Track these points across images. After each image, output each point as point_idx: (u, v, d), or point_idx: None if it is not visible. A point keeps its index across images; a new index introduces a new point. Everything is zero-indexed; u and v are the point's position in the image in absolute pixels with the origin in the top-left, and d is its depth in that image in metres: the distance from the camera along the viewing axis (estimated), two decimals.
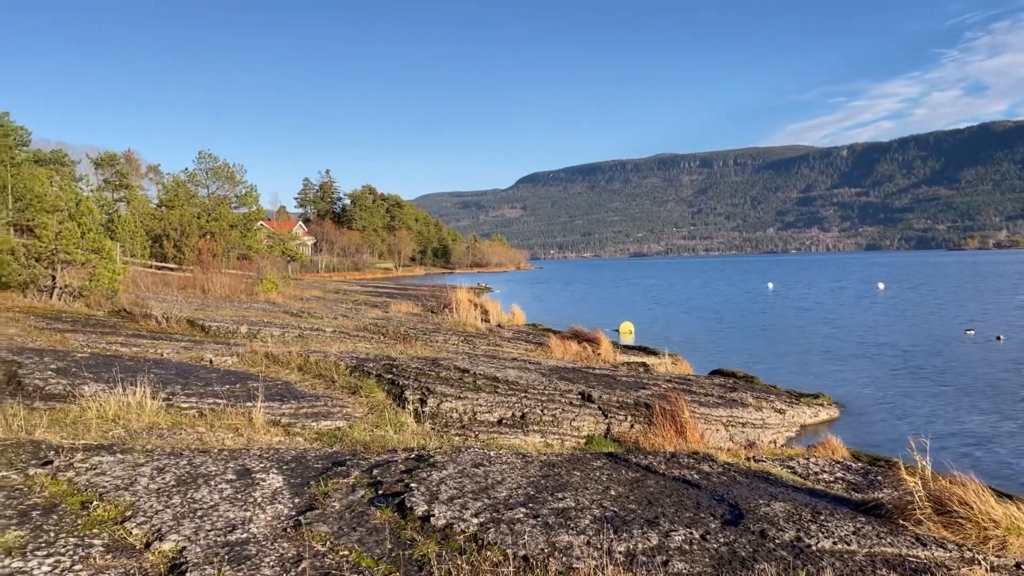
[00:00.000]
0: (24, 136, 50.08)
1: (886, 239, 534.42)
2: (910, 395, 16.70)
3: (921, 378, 18.77)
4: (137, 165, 79.66)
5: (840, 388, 17.26)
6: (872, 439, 12.68)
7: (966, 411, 14.86)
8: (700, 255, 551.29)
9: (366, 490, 5.52)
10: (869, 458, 10.37)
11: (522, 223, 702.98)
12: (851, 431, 13.12)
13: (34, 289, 21.52)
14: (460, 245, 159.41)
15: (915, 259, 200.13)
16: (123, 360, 11.63)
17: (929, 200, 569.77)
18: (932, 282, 71.19)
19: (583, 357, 18.42)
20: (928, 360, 21.73)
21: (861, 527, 5.52)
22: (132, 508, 4.85)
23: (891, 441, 12.33)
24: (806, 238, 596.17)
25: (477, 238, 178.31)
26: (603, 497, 5.71)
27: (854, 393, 16.91)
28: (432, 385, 11.21)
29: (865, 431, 13.40)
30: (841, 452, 10.22)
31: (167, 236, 46.98)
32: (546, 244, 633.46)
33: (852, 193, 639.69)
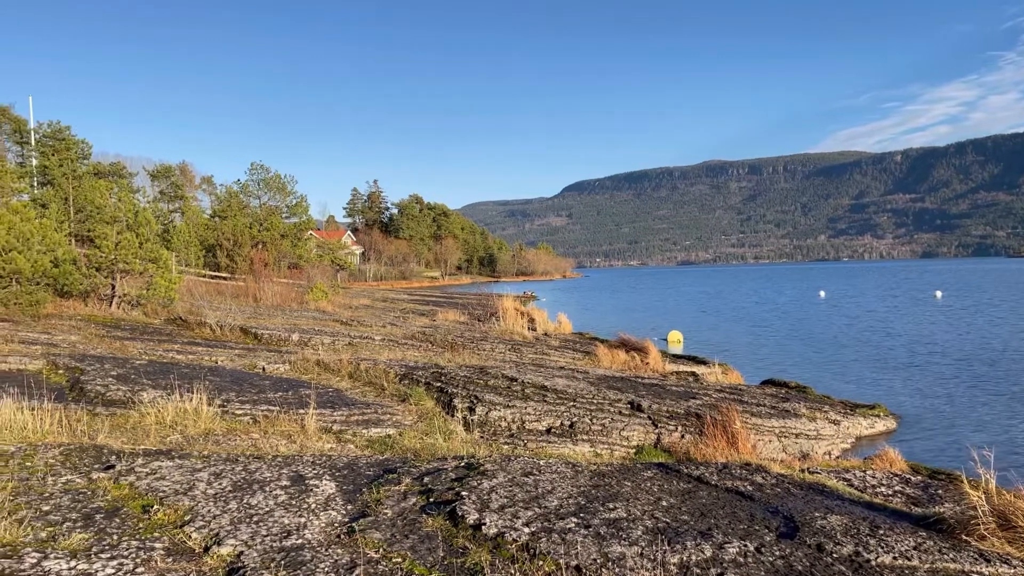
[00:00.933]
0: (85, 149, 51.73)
1: (943, 246, 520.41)
2: (971, 406, 16.19)
3: (982, 389, 18.19)
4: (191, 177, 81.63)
5: (897, 399, 16.82)
6: (931, 451, 12.32)
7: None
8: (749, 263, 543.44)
9: (417, 497, 5.55)
10: (929, 471, 10.07)
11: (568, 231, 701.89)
12: (909, 443, 12.77)
13: (95, 298, 22.19)
14: (506, 254, 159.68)
15: (974, 266, 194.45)
16: (179, 367, 11.91)
17: (988, 206, 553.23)
18: (992, 290, 69.02)
19: (631, 366, 18.28)
20: (989, 370, 21.05)
21: (922, 542, 5.37)
22: (191, 512, 4.95)
23: (951, 454, 11.97)
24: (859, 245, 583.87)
25: (523, 246, 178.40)
26: (654, 508, 5.65)
27: (912, 404, 16.46)
28: (480, 393, 11.23)
29: (924, 443, 13.03)
30: (899, 465, 9.95)
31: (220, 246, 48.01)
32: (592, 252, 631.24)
33: (907, 199, 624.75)
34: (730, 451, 9.35)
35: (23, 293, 18.60)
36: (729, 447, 9.49)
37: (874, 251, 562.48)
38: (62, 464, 5.80)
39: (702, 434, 10.22)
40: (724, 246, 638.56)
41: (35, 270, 19.05)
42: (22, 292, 18.62)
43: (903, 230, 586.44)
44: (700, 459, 8.78)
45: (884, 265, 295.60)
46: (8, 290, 18.64)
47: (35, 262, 19.12)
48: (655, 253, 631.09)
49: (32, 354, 11.88)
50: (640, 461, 8.23)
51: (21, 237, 19.23)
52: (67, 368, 10.87)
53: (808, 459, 10.58)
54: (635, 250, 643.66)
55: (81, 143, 51.07)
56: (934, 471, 10.10)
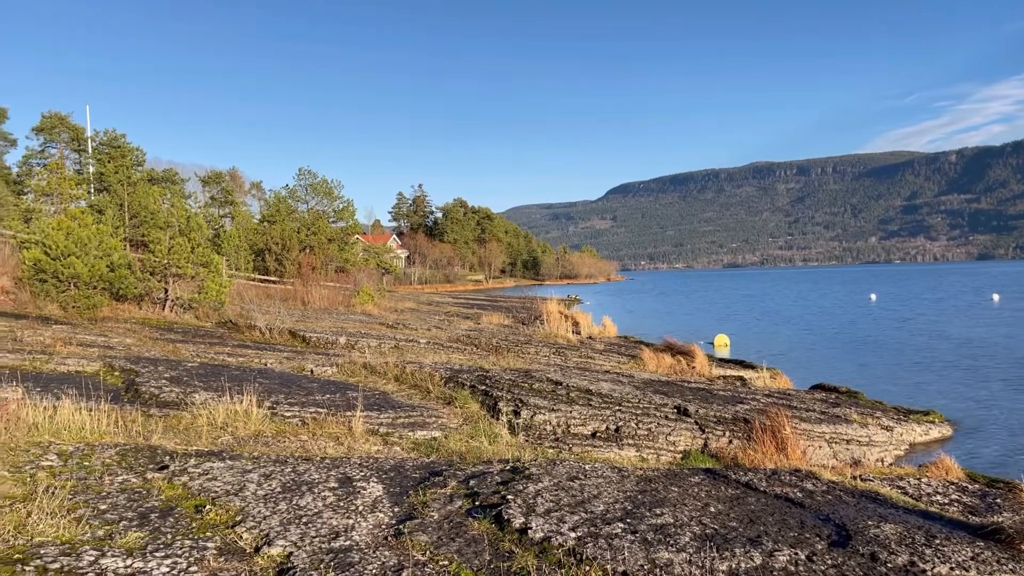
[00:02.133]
0: (139, 157, 53.11)
1: (999, 248, 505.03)
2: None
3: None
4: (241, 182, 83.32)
5: (953, 405, 16.36)
6: (989, 459, 11.96)
7: None
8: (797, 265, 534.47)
9: (463, 501, 5.57)
10: (987, 480, 9.78)
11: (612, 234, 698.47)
12: (966, 451, 12.41)
13: (148, 301, 22.75)
14: (549, 257, 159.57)
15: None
16: (230, 369, 12.14)
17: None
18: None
19: (677, 370, 18.11)
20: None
21: (980, 552, 5.22)
22: (242, 513, 5.04)
23: (1010, 462, 11.60)
24: (911, 247, 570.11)
25: (567, 249, 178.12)
26: (702, 514, 5.58)
27: (968, 410, 16.00)
28: (525, 397, 11.23)
29: (981, 451, 12.65)
30: (955, 472, 9.67)
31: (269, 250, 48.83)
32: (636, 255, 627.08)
33: (962, 200, 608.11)
34: (779, 457, 9.20)
35: (81, 296, 19.16)
36: (778, 453, 9.33)
37: (927, 253, 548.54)
38: (118, 464, 5.95)
39: (750, 439, 10.07)
40: (771, 248, 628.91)
41: (92, 274, 19.61)
42: (80, 296, 19.18)
43: (957, 231, 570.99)
44: (748, 465, 8.65)
45: (938, 267, 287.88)
46: (67, 294, 19.22)
47: (92, 266, 19.69)
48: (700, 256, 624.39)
49: (89, 356, 12.22)
50: (687, 466, 8.13)
51: (79, 242, 19.81)
52: (122, 370, 11.15)
53: (860, 466, 10.34)
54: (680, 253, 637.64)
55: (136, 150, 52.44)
56: (992, 480, 9.80)
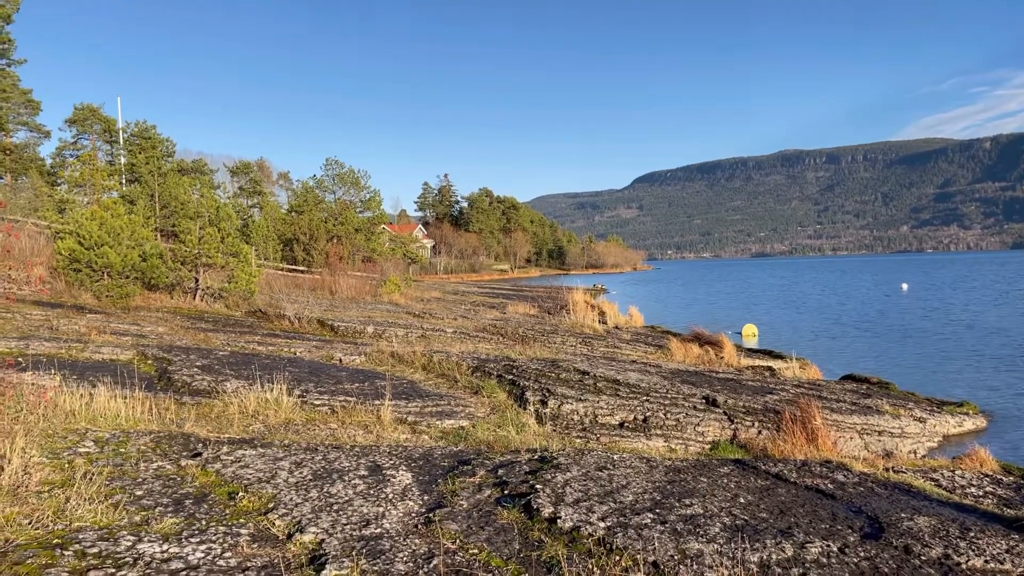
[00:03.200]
0: (169, 148, 53.71)
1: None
2: None
3: None
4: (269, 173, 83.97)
5: (987, 396, 16.10)
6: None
7: None
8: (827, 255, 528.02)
9: (492, 490, 5.58)
10: (1022, 472, 9.62)
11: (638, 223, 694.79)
12: (1001, 443, 12.21)
13: (179, 290, 23.05)
14: (575, 246, 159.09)
15: None
16: (260, 358, 12.27)
17: None
18: None
19: (705, 360, 18.00)
20: None
21: (1015, 545, 5.14)
22: (274, 500, 5.10)
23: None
24: (944, 236, 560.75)
25: (592, 239, 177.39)
26: (732, 505, 5.55)
27: (1003, 402, 15.73)
28: (552, 387, 11.23)
29: (1017, 443, 12.44)
30: (990, 465, 9.52)
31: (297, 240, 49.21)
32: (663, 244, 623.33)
33: (996, 188, 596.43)
34: (809, 448, 9.11)
35: (114, 286, 19.46)
36: (808, 444, 9.24)
37: (960, 242, 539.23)
38: (153, 451, 6.05)
39: (780, 430, 9.98)
40: (800, 237, 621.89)
41: (124, 264, 19.90)
42: (113, 285, 19.48)
43: (992, 220, 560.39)
44: (778, 456, 8.58)
45: (972, 256, 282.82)
46: (100, 283, 19.53)
47: (124, 256, 19.98)
48: (728, 245, 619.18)
49: (123, 345, 12.42)
50: (716, 457, 8.09)
51: (112, 232, 20.11)
52: (155, 358, 11.32)
53: (892, 458, 10.22)
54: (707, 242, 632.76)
55: (165, 141, 53.04)
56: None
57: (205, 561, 4.01)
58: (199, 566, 3.94)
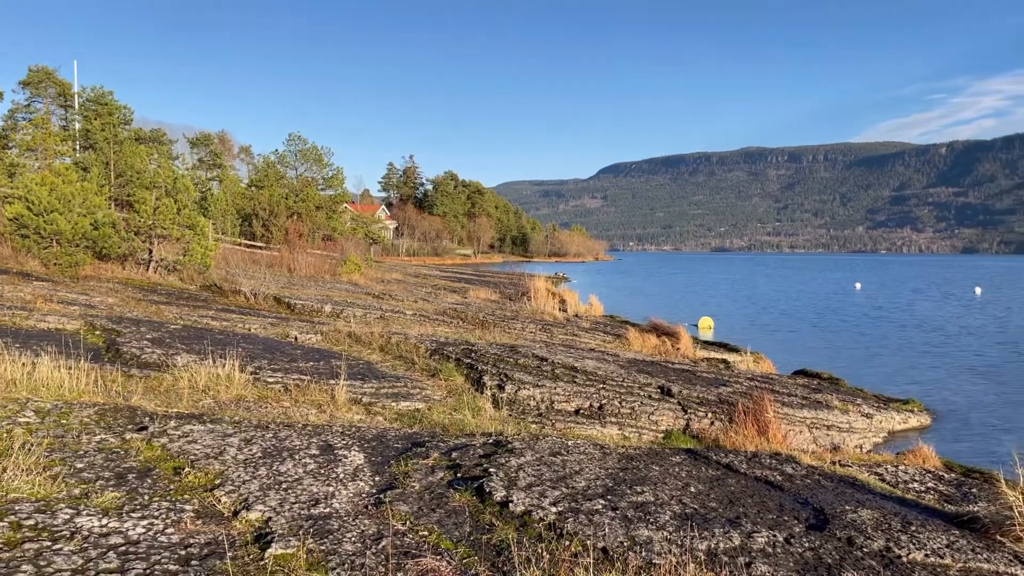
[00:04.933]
0: (127, 115, 52.29)
1: (984, 242, 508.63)
2: (1008, 406, 15.85)
3: (1020, 388, 17.80)
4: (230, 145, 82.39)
5: (931, 394, 16.52)
6: (966, 449, 12.08)
7: None
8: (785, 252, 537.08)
9: (445, 472, 5.55)
10: (963, 469, 9.88)
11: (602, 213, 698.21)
12: (943, 440, 12.53)
13: (132, 261, 22.54)
14: (539, 234, 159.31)
15: (1016, 264, 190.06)
16: (213, 333, 12.05)
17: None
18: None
19: (662, 351, 18.16)
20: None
21: (955, 540, 5.26)
22: (221, 477, 5.00)
23: (987, 453, 11.73)
24: (897, 238, 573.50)
25: (556, 227, 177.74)
26: (683, 493, 5.60)
27: (947, 400, 16.16)
28: (510, 372, 11.22)
29: (958, 441, 12.78)
30: (933, 461, 9.76)
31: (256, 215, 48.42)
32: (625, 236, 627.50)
33: (949, 193, 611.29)
34: (760, 440, 9.24)
35: (63, 254, 18.94)
36: (759, 436, 9.37)
37: (913, 244, 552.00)
38: (96, 423, 5.89)
39: (732, 422, 10.11)
40: (760, 234, 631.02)
41: (75, 232, 19.38)
42: (62, 253, 18.96)
43: (944, 224, 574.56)
44: (729, 447, 8.69)
45: (923, 259, 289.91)
46: (49, 250, 18.99)
47: (75, 224, 19.45)
48: (689, 239, 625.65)
49: (70, 314, 12.09)
50: (669, 446, 8.16)
51: (63, 199, 19.55)
52: (104, 329, 11.04)
53: (839, 452, 10.42)
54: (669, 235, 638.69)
55: (123, 108, 51.63)
56: (968, 469, 9.91)
57: (146, 537, 3.91)
58: (139, 541, 3.84)
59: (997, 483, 6.63)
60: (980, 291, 60.41)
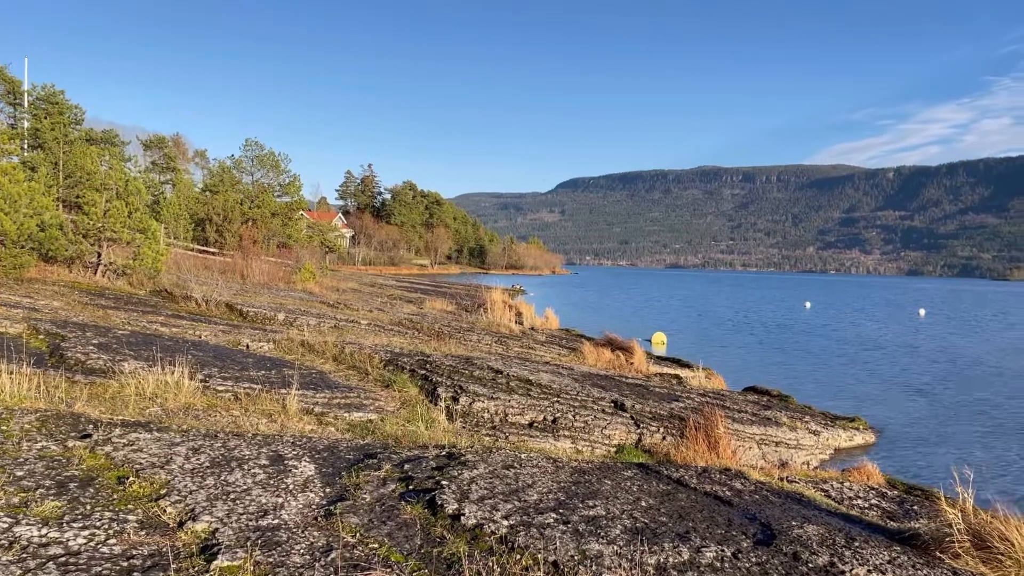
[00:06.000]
0: (78, 115, 51.13)
1: (928, 265, 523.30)
2: (949, 425, 16.32)
3: (961, 408, 18.34)
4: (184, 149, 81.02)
5: (876, 413, 16.92)
6: (908, 467, 12.41)
7: (1008, 444, 14.47)
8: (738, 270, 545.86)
9: (397, 484, 5.51)
10: (905, 486, 10.14)
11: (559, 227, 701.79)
12: (887, 457, 12.85)
13: (80, 265, 21.98)
14: (496, 246, 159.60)
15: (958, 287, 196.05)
16: (162, 339, 11.80)
17: (975, 228, 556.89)
18: (975, 312, 69.63)
19: (616, 365, 18.30)
20: (968, 390, 21.23)
21: (896, 556, 5.38)
22: (167, 486, 4.89)
23: (928, 470, 12.06)
24: (846, 259, 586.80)
25: (514, 240, 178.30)
26: (634, 508, 5.64)
27: (891, 419, 16.57)
28: (465, 384, 11.20)
29: (901, 458, 13.11)
30: (876, 478, 10.01)
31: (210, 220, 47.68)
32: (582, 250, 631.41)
33: (896, 216, 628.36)
34: (710, 455, 9.36)
35: (7, 255, 18.39)
36: (710, 451, 9.50)
37: (861, 266, 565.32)
38: (38, 430, 5.72)
39: (683, 437, 10.23)
40: (714, 252, 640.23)
41: (21, 233, 18.84)
42: (6, 254, 18.41)
43: (891, 247, 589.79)
44: (680, 462, 8.78)
45: (870, 280, 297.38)
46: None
47: (21, 225, 18.91)
48: (645, 254, 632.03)
49: (13, 317, 11.74)
50: (621, 460, 8.22)
51: (8, 199, 19.00)
52: (48, 334, 10.75)
53: (787, 468, 10.61)
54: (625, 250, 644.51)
55: (74, 108, 50.49)
56: (911, 486, 10.17)
57: (87, 547, 3.81)
58: (80, 552, 3.74)
59: (937, 500, 6.81)
60: (924, 313, 62.17)
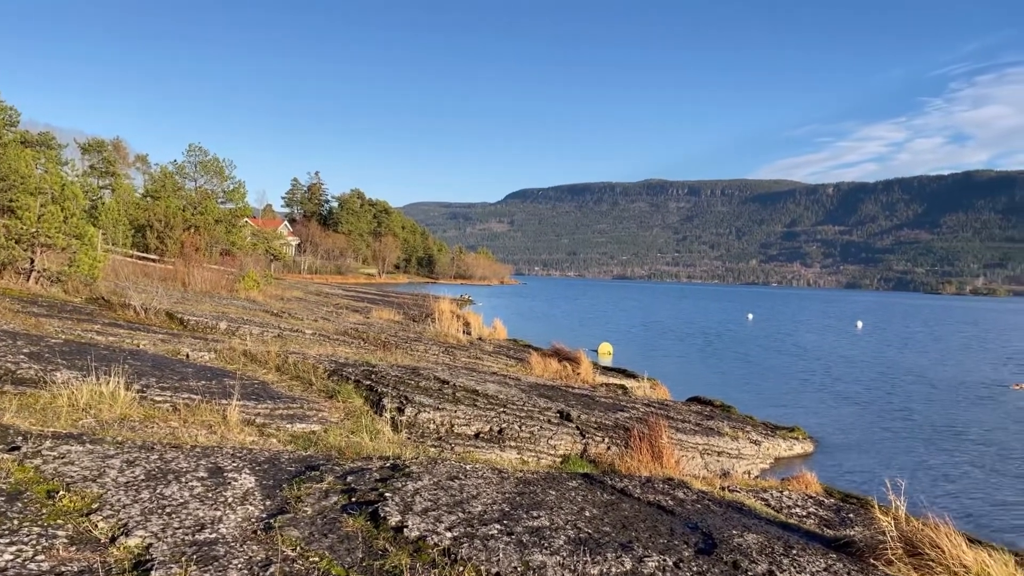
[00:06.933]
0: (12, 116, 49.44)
1: (866, 278, 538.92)
2: (884, 434, 16.80)
3: (896, 418, 18.89)
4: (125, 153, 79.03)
5: (815, 422, 17.33)
6: (845, 476, 12.72)
7: (937, 452, 14.95)
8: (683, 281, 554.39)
9: (339, 496, 5.44)
10: (842, 495, 10.40)
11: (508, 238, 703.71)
12: (825, 466, 13.15)
13: (11, 271, 21.21)
14: (445, 256, 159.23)
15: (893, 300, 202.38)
16: (98, 348, 11.46)
17: (910, 243, 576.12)
18: (909, 324, 71.95)
19: (563, 375, 18.38)
20: (904, 400, 21.89)
21: (832, 564, 5.51)
22: (99, 500, 4.74)
23: (864, 479, 12.38)
24: (788, 272, 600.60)
25: (463, 250, 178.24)
26: (577, 518, 5.67)
27: (829, 428, 16.98)
28: (411, 394, 11.12)
29: (838, 467, 13.44)
30: (814, 487, 10.23)
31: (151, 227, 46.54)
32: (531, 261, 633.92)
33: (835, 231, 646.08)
34: (654, 465, 9.46)
35: None
36: (653, 461, 9.60)
37: (802, 279, 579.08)
38: None
39: (628, 447, 10.32)
40: (659, 263, 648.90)
41: None
42: None
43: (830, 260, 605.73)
44: (625, 472, 8.86)
45: (811, 292, 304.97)
46: None
47: None
48: (592, 266, 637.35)
49: None
50: (566, 471, 8.25)
51: None
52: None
53: (728, 477, 10.79)
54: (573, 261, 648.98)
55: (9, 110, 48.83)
56: (847, 495, 10.43)
57: (13, 564, 3.67)
58: (6, 569, 3.60)
59: (871, 508, 6.99)
60: (861, 324, 63.97)
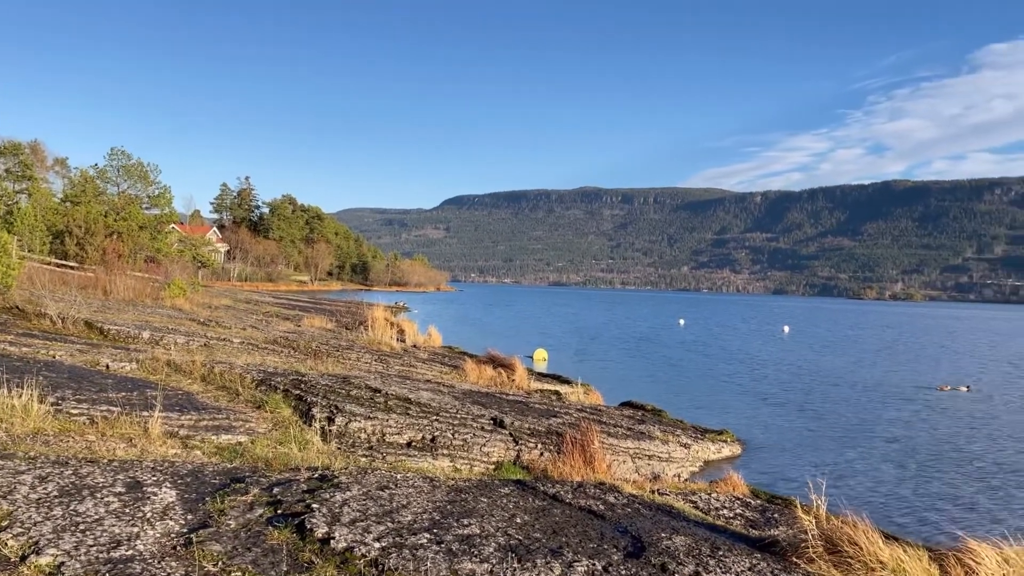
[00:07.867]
0: None
1: (792, 284, 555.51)
2: (809, 435, 17.30)
3: (819, 420, 19.48)
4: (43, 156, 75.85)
5: (743, 425, 17.73)
6: (771, 477, 13.05)
7: (856, 451, 15.48)
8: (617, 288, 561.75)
9: (265, 509, 5.32)
10: (767, 496, 10.65)
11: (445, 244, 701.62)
12: (752, 468, 13.47)
13: None
14: (380, 262, 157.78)
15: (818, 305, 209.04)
16: (10, 360, 10.97)
17: (833, 250, 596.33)
18: (832, 328, 74.46)
19: (498, 382, 18.40)
20: (827, 402, 22.60)
21: (756, 563, 5.64)
22: (9, 518, 4.54)
23: (789, 480, 12.71)
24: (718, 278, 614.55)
25: (398, 256, 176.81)
26: (509, 525, 5.66)
27: (756, 430, 17.40)
28: (341, 403, 10.97)
29: (765, 469, 13.78)
30: (741, 489, 10.46)
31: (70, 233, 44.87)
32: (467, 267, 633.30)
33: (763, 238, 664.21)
34: (586, 470, 9.54)
35: None
36: (586, 466, 9.67)
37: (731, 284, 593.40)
38: None
39: (561, 452, 10.38)
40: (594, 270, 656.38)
41: None
42: None
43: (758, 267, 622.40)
44: (557, 477, 8.90)
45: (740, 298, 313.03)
46: None
47: None
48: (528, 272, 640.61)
49: None
50: (499, 478, 8.25)
51: None
52: None
53: (659, 480, 10.95)
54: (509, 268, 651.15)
55: None
56: (772, 496, 10.70)
57: None
58: None
59: (794, 508, 7.19)
60: (788, 329, 65.85)
